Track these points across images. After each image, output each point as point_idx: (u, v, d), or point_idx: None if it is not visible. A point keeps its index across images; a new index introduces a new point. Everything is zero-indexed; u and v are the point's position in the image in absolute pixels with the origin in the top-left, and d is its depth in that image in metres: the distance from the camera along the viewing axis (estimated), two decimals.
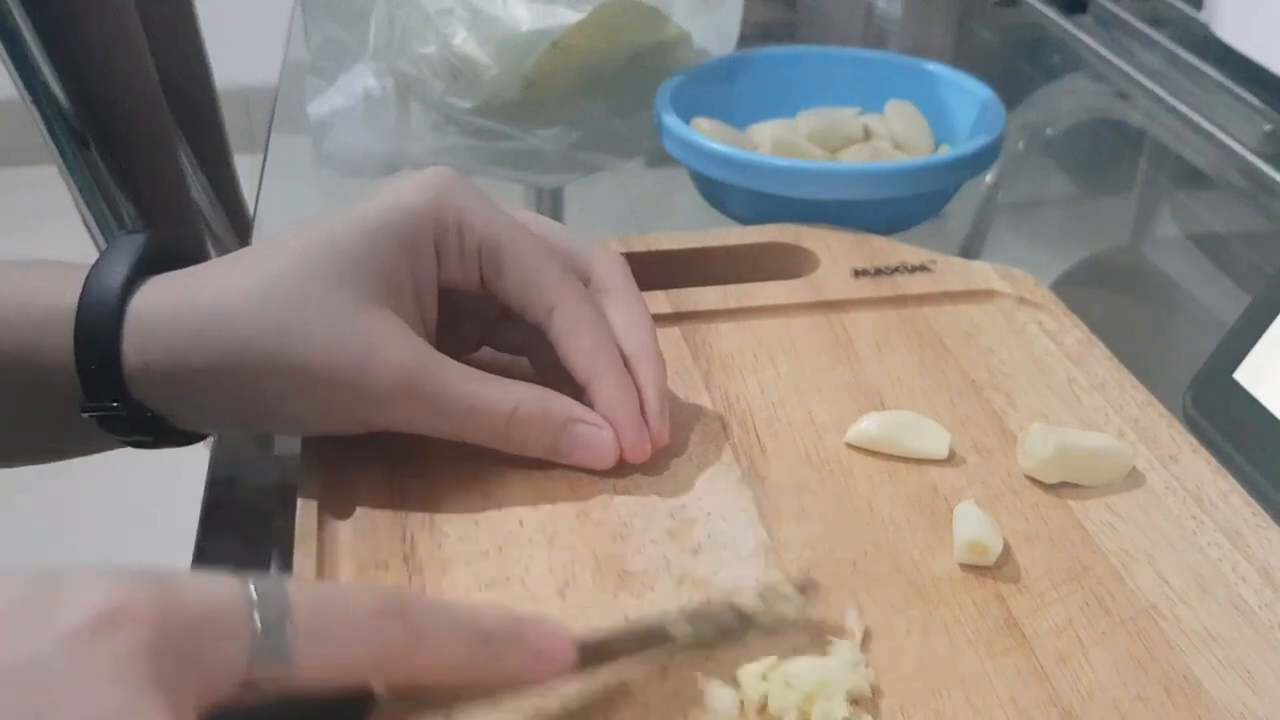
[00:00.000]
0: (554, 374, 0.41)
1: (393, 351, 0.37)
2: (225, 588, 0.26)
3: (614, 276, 0.42)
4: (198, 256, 0.40)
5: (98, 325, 0.37)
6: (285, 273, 0.37)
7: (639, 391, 0.40)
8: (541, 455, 0.40)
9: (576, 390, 0.40)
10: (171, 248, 0.40)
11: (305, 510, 0.39)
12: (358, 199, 0.40)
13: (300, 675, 0.27)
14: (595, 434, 0.39)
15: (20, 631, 0.23)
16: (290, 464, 0.43)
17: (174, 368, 0.37)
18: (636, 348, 0.41)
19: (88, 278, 0.38)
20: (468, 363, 0.39)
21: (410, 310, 0.39)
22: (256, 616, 0.26)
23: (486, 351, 0.44)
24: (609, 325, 0.41)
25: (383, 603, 0.28)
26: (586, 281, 0.41)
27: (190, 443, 0.41)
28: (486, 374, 0.39)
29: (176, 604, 0.25)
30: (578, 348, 0.40)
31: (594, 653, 0.32)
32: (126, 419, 0.39)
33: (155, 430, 0.39)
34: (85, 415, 0.38)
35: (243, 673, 0.26)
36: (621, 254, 0.43)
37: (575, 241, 0.42)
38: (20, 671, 0.23)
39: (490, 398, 0.38)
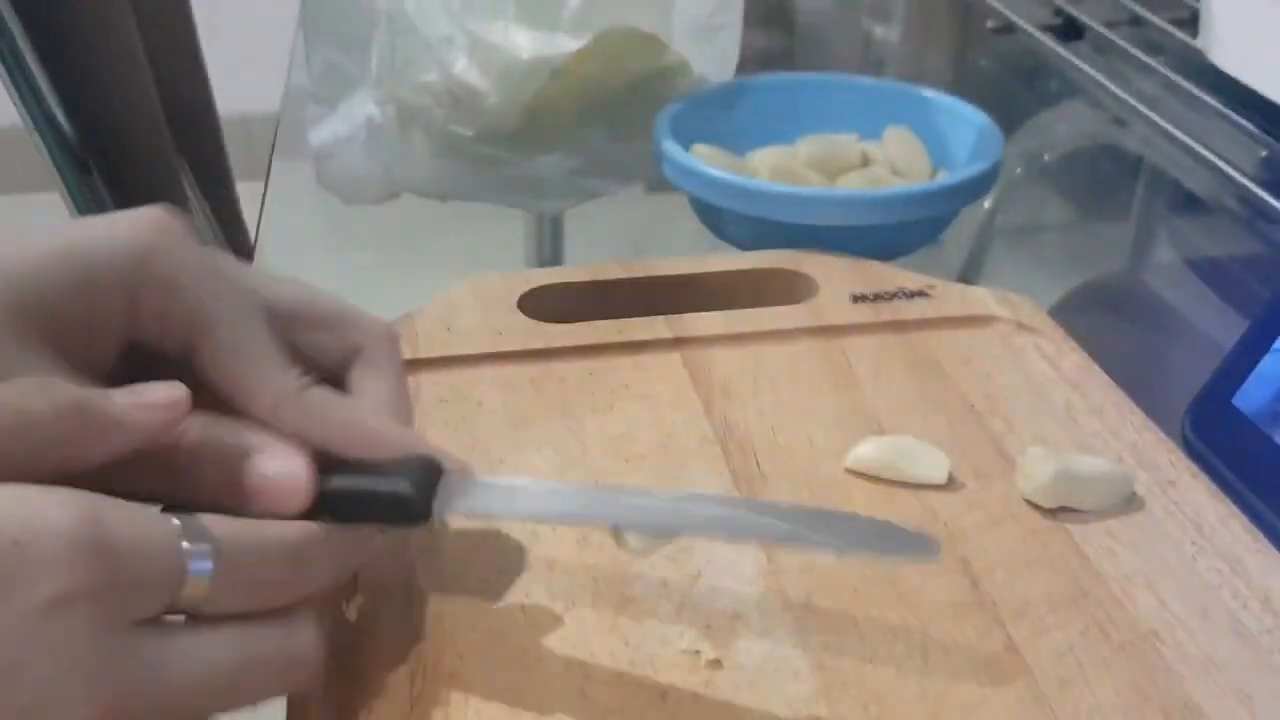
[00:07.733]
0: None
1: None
2: (158, 529, 0.29)
3: (380, 354, 0.37)
4: None
5: None
6: None
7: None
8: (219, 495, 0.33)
9: None
10: None
11: None
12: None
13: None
14: (283, 464, 0.33)
15: None
16: None
17: None
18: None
19: None
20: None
21: (79, 354, 0.33)
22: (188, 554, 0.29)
23: None
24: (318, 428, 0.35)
25: None
26: (356, 352, 0.37)
27: None
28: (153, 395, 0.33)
29: (121, 576, 0.27)
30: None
31: None
32: None
33: None
34: None
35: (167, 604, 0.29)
36: (397, 330, 0.38)
37: (344, 311, 0.37)
38: None
39: (152, 424, 0.32)
